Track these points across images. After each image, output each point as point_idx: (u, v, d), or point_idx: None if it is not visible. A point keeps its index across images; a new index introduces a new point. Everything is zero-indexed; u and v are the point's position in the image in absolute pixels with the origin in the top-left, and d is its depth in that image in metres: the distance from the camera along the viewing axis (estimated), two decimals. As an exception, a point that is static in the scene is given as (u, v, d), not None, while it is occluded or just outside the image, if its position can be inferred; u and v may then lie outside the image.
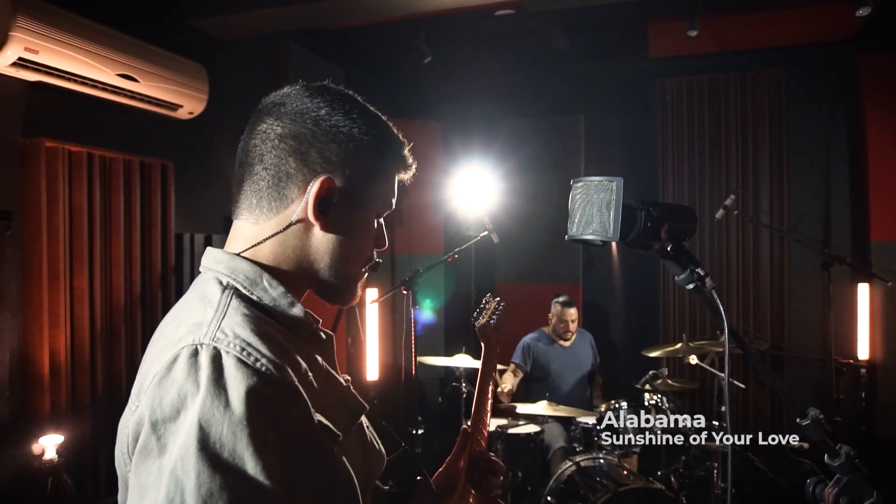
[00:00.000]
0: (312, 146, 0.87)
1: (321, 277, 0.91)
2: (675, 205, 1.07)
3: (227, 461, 0.67)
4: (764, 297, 4.78)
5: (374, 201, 0.94)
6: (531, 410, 3.65)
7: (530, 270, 5.28)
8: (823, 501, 1.17)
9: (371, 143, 0.91)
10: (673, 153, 5.06)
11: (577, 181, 1.02)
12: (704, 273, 1.08)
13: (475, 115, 5.46)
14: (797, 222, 4.82)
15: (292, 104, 0.89)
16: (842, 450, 1.16)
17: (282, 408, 0.74)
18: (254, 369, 0.73)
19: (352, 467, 0.84)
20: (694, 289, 1.08)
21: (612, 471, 3.39)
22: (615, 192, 0.98)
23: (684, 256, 1.07)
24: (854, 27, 4.34)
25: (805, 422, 1.15)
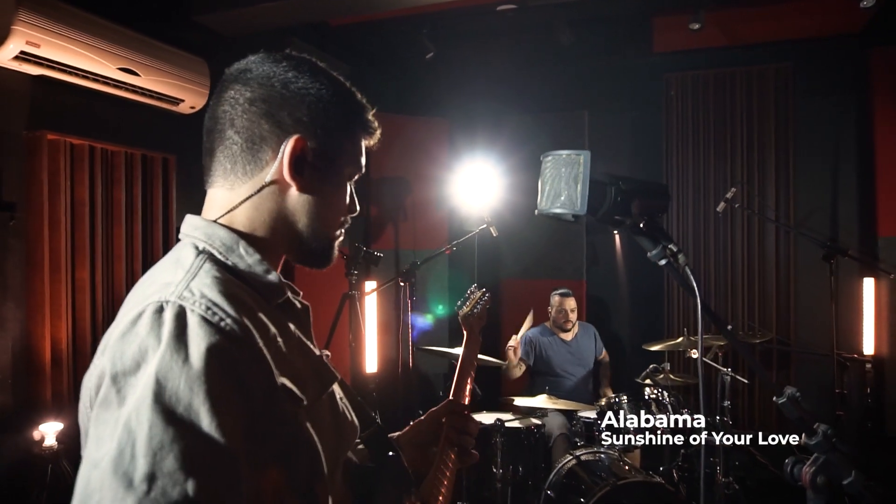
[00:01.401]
0: (283, 108, 0.88)
1: (299, 239, 0.92)
2: (645, 180, 1.07)
3: (182, 415, 0.68)
4: (770, 293, 4.73)
5: (345, 162, 0.95)
6: (531, 404, 3.64)
7: (534, 266, 5.27)
8: (801, 481, 1.17)
9: (338, 104, 0.92)
10: (678, 148, 5.02)
11: (547, 155, 1.02)
12: (677, 249, 1.08)
13: (480, 111, 5.45)
14: (804, 217, 4.77)
15: (258, 69, 0.90)
16: (819, 429, 1.15)
17: (243, 367, 0.74)
18: (217, 328, 0.73)
19: (321, 435, 0.84)
20: (666, 264, 1.08)
21: (612, 465, 3.37)
22: (582, 166, 0.98)
23: (657, 232, 1.07)
24: (862, 20, 4.29)
25: (781, 400, 1.14)
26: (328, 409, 0.92)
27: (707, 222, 4.91)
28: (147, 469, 0.65)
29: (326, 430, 0.88)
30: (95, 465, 0.67)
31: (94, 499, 0.65)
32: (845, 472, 1.13)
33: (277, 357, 0.80)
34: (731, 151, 4.90)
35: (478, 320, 1.74)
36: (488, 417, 3.67)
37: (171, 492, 0.65)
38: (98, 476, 0.66)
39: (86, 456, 0.70)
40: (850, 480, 1.13)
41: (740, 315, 4.77)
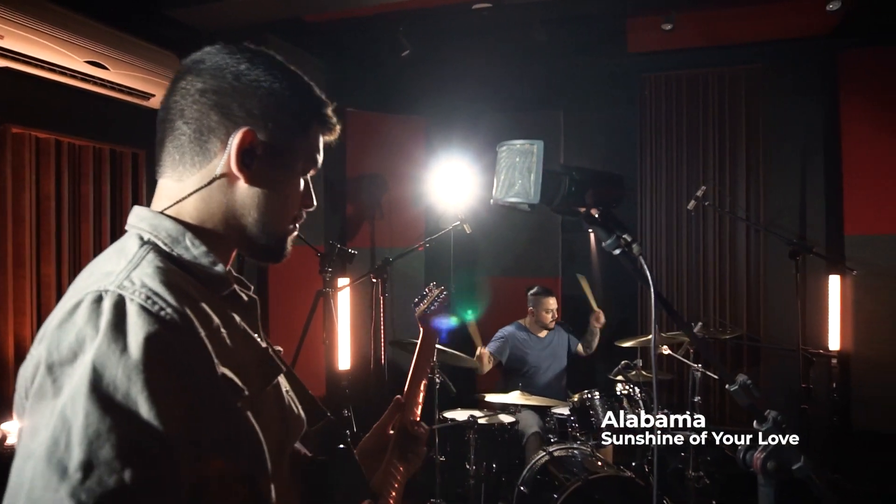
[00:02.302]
0: (234, 100, 0.88)
1: (248, 233, 0.92)
2: (599, 171, 1.08)
3: (120, 404, 0.67)
4: (740, 289, 4.82)
5: (297, 156, 0.94)
6: (504, 400, 3.66)
7: (511, 264, 5.30)
8: (753, 466, 1.19)
9: (292, 98, 0.92)
10: (652, 147, 5.09)
11: (502, 145, 1.03)
12: (631, 239, 1.10)
13: (456, 109, 5.47)
14: (774, 216, 4.86)
15: (212, 60, 0.90)
16: (770, 415, 1.17)
17: (184, 357, 0.74)
18: (157, 317, 0.73)
19: (265, 427, 0.84)
20: (621, 254, 1.09)
21: (585, 460, 3.40)
22: (536, 155, 0.99)
23: (611, 222, 1.09)
24: (831, 23, 4.38)
25: (734, 387, 1.16)
26: (273, 401, 0.92)
27: (680, 220, 4.98)
28: (82, 458, 0.64)
29: (271, 422, 0.87)
30: (29, 456, 0.66)
31: (25, 489, 0.64)
32: (794, 458, 1.16)
33: (220, 347, 0.79)
34: (704, 151, 4.97)
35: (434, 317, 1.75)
36: (462, 414, 3.69)
37: (107, 480, 0.64)
38: (31, 466, 0.65)
39: (19, 447, 0.69)
40: (799, 465, 1.16)
41: (712, 311, 4.85)
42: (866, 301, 4.41)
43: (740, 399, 1.16)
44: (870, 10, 4.18)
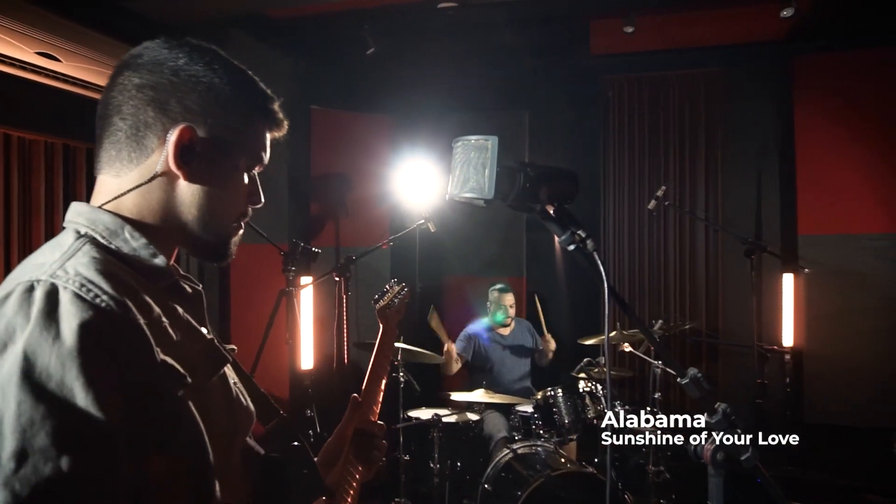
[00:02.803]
0: (172, 95, 0.86)
1: (190, 231, 0.90)
2: (554, 167, 1.09)
3: (54, 392, 0.66)
4: (700, 287, 4.94)
5: (240, 153, 0.93)
6: (468, 398, 3.67)
7: (476, 263, 5.32)
8: (703, 458, 1.22)
9: (234, 94, 0.90)
10: (615, 148, 5.18)
11: (457, 140, 1.03)
12: (586, 235, 1.11)
13: (421, 108, 5.46)
14: (732, 215, 4.99)
15: (150, 55, 0.88)
16: (719, 408, 1.20)
17: (120, 344, 0.72)
18: (92, 304, 0.72)
19: (210, 418, 0.83)
20: (575, 249, 1.11)
21: (548, 457, 3.43)
22: (490, 151, 0.99)
23: (566, 218, 1.10)
24: (786, 28, 4.51)
25: (685, 381, 1.19)
26: (220, 392, 0.91)
27: (642, 220, 5.07)
28: (16, 446, 0.63)
29: (217, 413, 0.87)
30: None
31: None
32: (743, 449, 1.19)
33: (161, 336, 0.78)
34: (665, 152, 5.08)
35: (395, 314, 1.74)
36: (426, 413, 3.68)
37: (42, 468, 0.63)
38: None
39: None
40: (747, 456, 1.19)
41: (672, 309, 4.96)
42: (818, 299, 4.56)
43: (691, 392, 1.18)
44: (822, 17, 4.32)
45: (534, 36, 4.93)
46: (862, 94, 4.61)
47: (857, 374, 4.47)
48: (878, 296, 4.50)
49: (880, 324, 4.49)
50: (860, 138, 4.59)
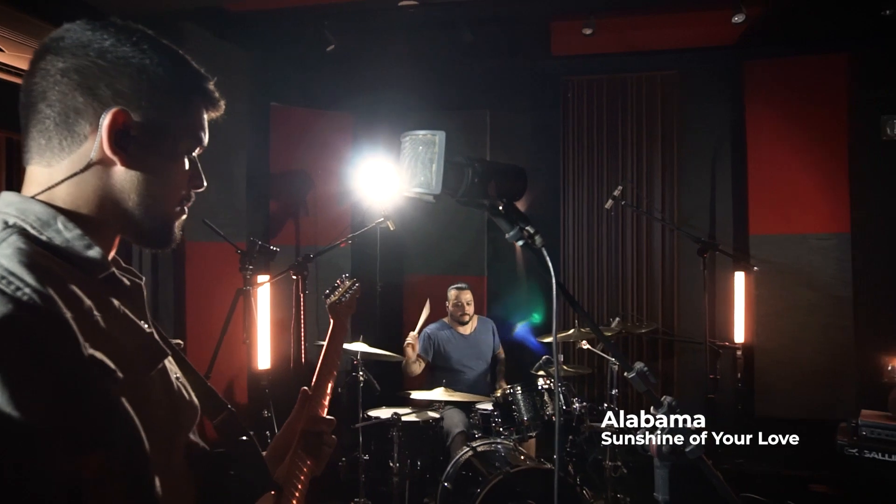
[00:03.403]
0: (100, 79, 0.83)
1: (131, 218, 0.88)
2: (502, 163, 1.10)
3: None
4: (656, 286, 5.05)
5: (179, 135, 0.90)
6: (428, 397, 3.67)
7: (437, 262, 5.33)
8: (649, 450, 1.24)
9: (167, 75, 0.88)
10: (574, 148, 5.25)
11: (405, 135, 1.03)
12: (534, 230, 1.12)
13: (383, 106, 5.44)
14: (687, 215, 5.11)
15: (72, 37, 0.84)
16: (665, 400, 1.23)
17: (43, 339, 0.70)
18: (13, 297, 0.69)
19: (147, 413, 0.81)
20: (524, 245, 1.12)
21: (508, 454, 3.46)
22: (438, 146, 0.99)
23: (514, 214, 1.11)
24: (737, 34, 4.64)
25: (631, 374, 1.21)
26: (160, 387, 0.89)
27: (601, 219, 5.15)
28: None
29: (155, 409, 0.85)
30: None
31: None
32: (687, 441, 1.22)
33: (91, 331, 0.76)
34: (623, 152, 5.17)
35: (346, 309, 1.74)
36: (386, 412, 3.67)
37: None
38: None
39: None
40: (691, 448, 1.22)
41: (630, 307, 5.05)
42: (768, 296, 4.72)
43: (638, 386, 1.20)
44: (770, 24, 4.47)
45: (495, 36, 4.96)
46: (807, 99, 4.78)
47: (803, 368, 4.64)
48: (823, 293, 4.67)
49: (825, 320, 4.66)
50: (807, 141, 4.77)
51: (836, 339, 4.65)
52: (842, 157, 4.70)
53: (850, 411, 3.71)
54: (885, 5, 4.00)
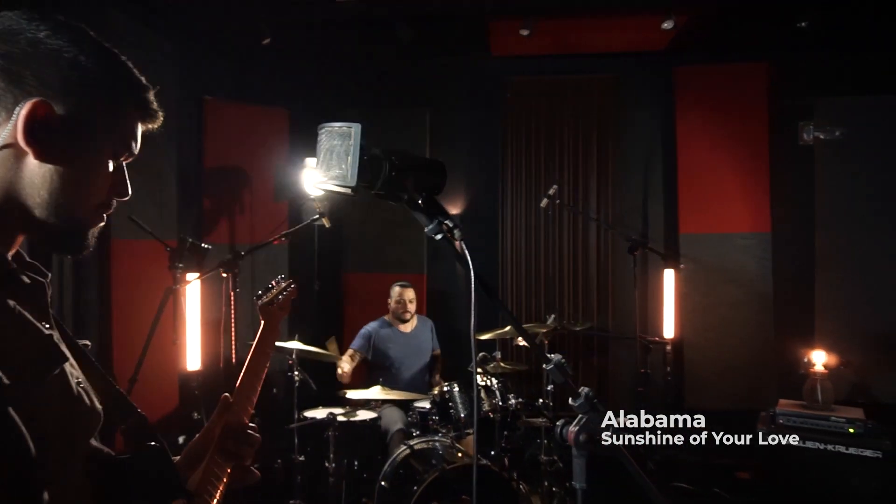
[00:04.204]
0: (27, 67, 0.79)
1: (38, 216, 0.83)
2: (421, 157, 1.10)
3: None
4: (591, 284, 5.19)
5: (105, 139, 0.87)
6: (364, 396, 3.64)
7: (377, 261, 5.30)
8: (568, 440, 1.27)
9: (103, 75, 0.85)
10: (514, 148, 5.33)
11: (322, 127, 1.02)
12: (454, 225, 1.13)
13: (321, 103, 5.36)
14: (621, 215, 5.27)
15: (4, 23, 0.81)
16: (582, 392, 1.25)
17: None
18: None
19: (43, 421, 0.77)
20: (443, 239, 1.12)
21: (445, 452, 3.47)
22: (354, 138, 0.98)
23: (433, 208, 1.11)
24: (667, 40, 4.81)
25: (549, 366, 1.23)
26: (57, 392, 0.84)
27: (539, 218, 5.25)
28: None
29: (50, 416, 0.80)
30: None
31: None
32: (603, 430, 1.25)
33: None
34: (560, 153, 5.29)
35: (278, 311, 1.69)
36: (322, 412, 3.62)
37: None
38: None
39: None
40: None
41: (567, 304, 5.17)
42: (695, 293, 4.92)
43: (556, 377, 1.23)
44: (697, 32, 4.65)
45: (435, 34, 4.97)
46: (732, 105, 5.01)
47: (728, 361, 4.86)
48: (746, 290, 4.91)
49: (748, 316, 4.90)
50: (732, 145, 4.99)
51: (757, 334, 4.88)
52: (763, 160, 4.95)
53: (771, 401, 3.89)
54: (801, 17, 4.23)
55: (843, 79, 4.89)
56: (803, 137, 4.83)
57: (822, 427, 3.53)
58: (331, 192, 1.01)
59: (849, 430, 3.46)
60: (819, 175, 4.92)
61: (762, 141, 4.96)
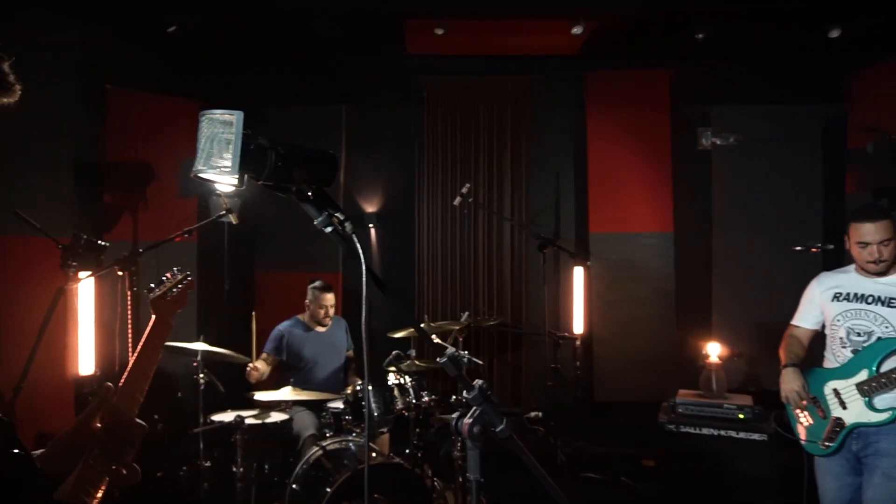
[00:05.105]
0: None
1: None
2: (309, 148, 1.08)
3: None
4: (505, 281, 5.30)
5: None
6: (274, 397, 3.55)
7: (290, 259, 5.18)
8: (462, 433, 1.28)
9: None
10: (430, 146, 5.36)
11: (203, 114, 0.98)
12: (344, 217, 1.11)
13: (233, 96, 5.17)
14: (534, 214, 5.41)
15: None
16: (476, 384, 1.27)
17: None
18: None
19: None
20: (332, 231, 1.11)
21: (359, 451, 3.43)
22: (236, 126, 0.95)
23: (323, 200, 1.09)
24: (578, 45, 4.97)
25: (443, 360, 1.24)
26: None
27: (455, 217, 5.30)
28: None
29: None
30: None
31: None
32: (497, 421, 1.27)
33: None
34: (476, 153, 5.37)
35: (171, 305, 1.62)
36: (228, 415, 3.50)
37: None
38: None
39: None
40: (500, 427, 1.28)
41: (482, 301, 5.26)
42: (603, 290, 5.13)
43: (450, 370, 1.24)
44: (606, 38, 4.84)
45: (352, 30, 4.91)
46: (638, 110, 5.25)
47: (634, 355, 5.10)
48: (650, 287, 5.16)
49: (652, 311, 5.15)
50: (638, 148, 5.24)
51: (661, 328, 5.15)
52: (666, 163, 5.22)
53: (673, 392, 4.10)
54: (698, 30, 4.49)
55: (737, 89, 5.23)
56: (702, 143, 5.14)
57: (715, 414, 3.77)
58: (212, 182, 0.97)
59: (739, 415, 3.71)
60: (716, 178, 5.25)
61: (665, 145, 5.23)
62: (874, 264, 2.49)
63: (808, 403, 2.63)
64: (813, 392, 2.63)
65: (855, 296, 2.57)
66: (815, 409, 2.63)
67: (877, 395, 2.46)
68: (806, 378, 2.64)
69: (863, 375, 2.49)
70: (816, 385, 2.63)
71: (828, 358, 2.69)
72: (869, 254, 2.48)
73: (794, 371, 2.66)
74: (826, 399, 2.60)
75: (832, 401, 2.58)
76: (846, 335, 2.57)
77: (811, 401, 2.62)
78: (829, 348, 2.68)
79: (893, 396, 2.44)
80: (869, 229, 2.45)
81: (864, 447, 2.50)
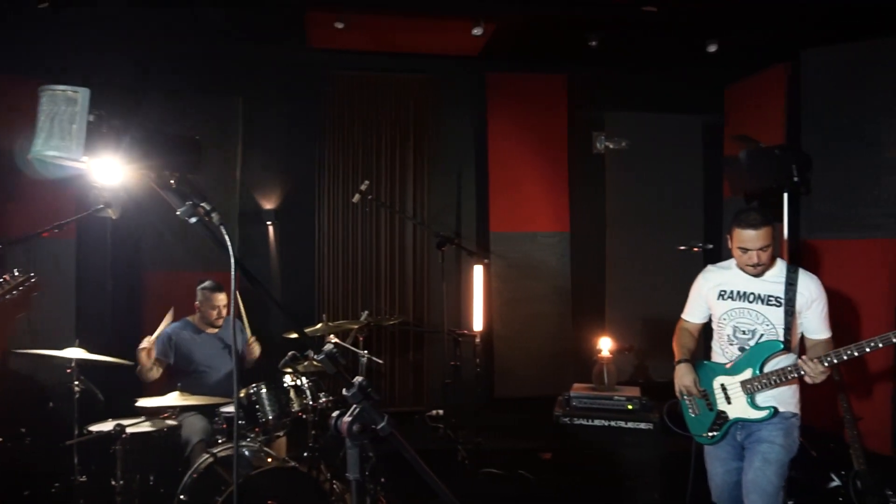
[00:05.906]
0: None
1: None
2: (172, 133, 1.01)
3: None
4: (407, 279, 5.30)
5: None
6: (159, 403, 3.33)
7: (181, 258, 4.89)
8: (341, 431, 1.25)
9: None
10: (332, 142, 5.26)
11: (43, 89, 0.89)
12: (210, 208, 1.05)
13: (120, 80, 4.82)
14: (436, 213, 5.43)
15: None
16: (356, 381, 1.24)
17: None
18: None
19: None
20: (198, 222, 1.04)
21: (253, 457, 3.30)
22: (80, 104, 0.87)
23: (186, 189, 1.03)
24: (480, 46, 5.03)
25: (320, 356, 1.20)
26: None
27: (356, 214, 5.23)
28: None
29: None
30: None
31: None
32: (378, 418, 1.25)
33: None
34: (378, 150, 5.32)
35: (11, 308, 1.48)
36: (108, 425, 3.25)
37: None
38: None
39: None
40: (382, 425, 1.25)
41: (384, 299, 5.22)
42: (503, 288, 5.25)
43: (328, 367, 1.20)
44: (506, 40, 4.93)
45: (251, 19, 4.71)
46: (536, 112, 5.42)
47: (532, 351, 5.25)
48: (548, 285, 5.34)
49: (550, 308, 5.33)
50: (537, 150, 5.40)
51: (558, 325, 5.33)
52: (563, 165, 5.42)
53: (569, 386, 4.24)
54: (591, 37, 4.68)
55: (628, 96, 5.51)
56: (596, 146, 5.38)
57: (606, 406, 3.93)
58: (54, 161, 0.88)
59: (628, 406, 3.89)
60: (609, 181, 5.51)
61: (562, 147, 5.42)
62: (753, 267, 2.69)
63: (698, 397, 2.81)
64: (703, 385, 2.82)
65: (738, 294, 2.77)
66: (703, 402, 2.82)
67: (758, 394, 2.67)
68: (697, 372, 2.83)
69: (747, 374, 2.69)
70: (706, 379, 2.82)
71: (716, 351, 2.88)
72: (749, 258, 2.67)
73: (688, 366, 2.84)
74: (714, 393, 2.80)
75: (719, 395, 2.78)
76: (732, 332, 2.77)
77: (701, 394, 2.81)
78: (716, 342, 2.87)
79: (773, 395, 2.66)
80: (750, 236, 2.63)
81: (747, 436, 2.73)
